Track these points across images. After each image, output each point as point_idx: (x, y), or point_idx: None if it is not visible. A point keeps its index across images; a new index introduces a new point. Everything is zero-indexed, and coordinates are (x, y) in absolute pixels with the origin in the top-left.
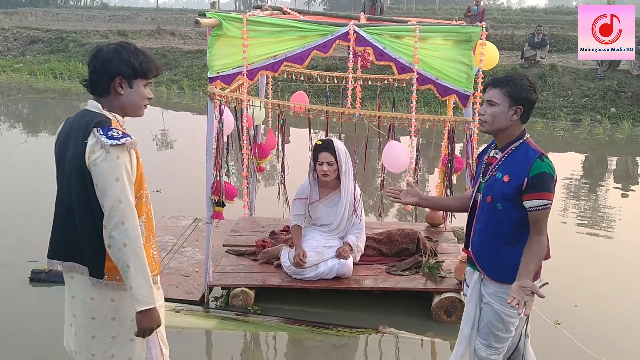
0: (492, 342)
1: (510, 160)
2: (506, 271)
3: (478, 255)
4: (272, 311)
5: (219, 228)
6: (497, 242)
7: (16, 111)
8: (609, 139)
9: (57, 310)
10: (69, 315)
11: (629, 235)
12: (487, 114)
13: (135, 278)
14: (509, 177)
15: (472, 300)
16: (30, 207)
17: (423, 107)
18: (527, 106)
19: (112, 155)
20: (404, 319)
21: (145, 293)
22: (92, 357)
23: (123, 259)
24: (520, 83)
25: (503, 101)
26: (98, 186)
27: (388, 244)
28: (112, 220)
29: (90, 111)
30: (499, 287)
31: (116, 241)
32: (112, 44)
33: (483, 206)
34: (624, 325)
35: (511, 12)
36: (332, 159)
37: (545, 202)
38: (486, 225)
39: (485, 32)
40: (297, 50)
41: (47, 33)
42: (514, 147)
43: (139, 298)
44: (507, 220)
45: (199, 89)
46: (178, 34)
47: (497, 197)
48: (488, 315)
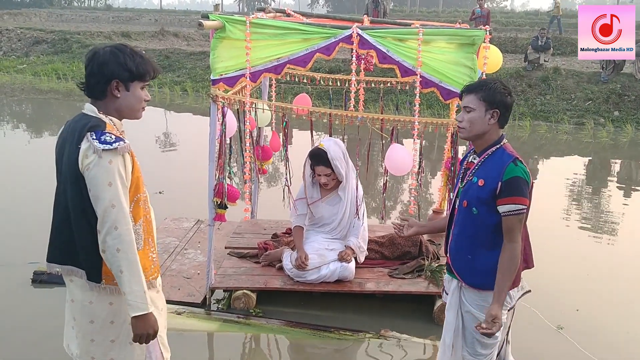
0: (478, 349)
1: (486, 164)
2: (482, 276)
3: (454, 261)
4: (274, 314)
5: (221, 230)
6: (473, 247)
7: (20, 112)
8: (613, 143)
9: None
10: (70, 318)
11: (632, 239)
12: (465, 120)
13: (129, 283)
14: (484, 181)
15: (452, 307)
16: (32, 208)
17: (426, 110)
18: (503, 109)
19: (105, 160)
20: (406, 322)
21: (139, 299)
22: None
23: (117, 264)
24: (494, 87)
25: (479, 106)
26: (91, 191)
27: (390, 247)
28: (105, 225)
29: (86, 115)
30: (477, 295)
31: (109, 246)
32: (109, 46)
33: (460, 211)
34: (625, 330)
35: (514, 15)
36: (329, 170)
37: (519, 207)
38: (462, 230)
39: (488, 36)
40: (300, 53)
41: (50, 34)
42: (490, 151)
43: (132, 304)
44: (483, 226)
45: (202, 90)
46: (181, 35)
47: (473, 202)
48: (470, 323)
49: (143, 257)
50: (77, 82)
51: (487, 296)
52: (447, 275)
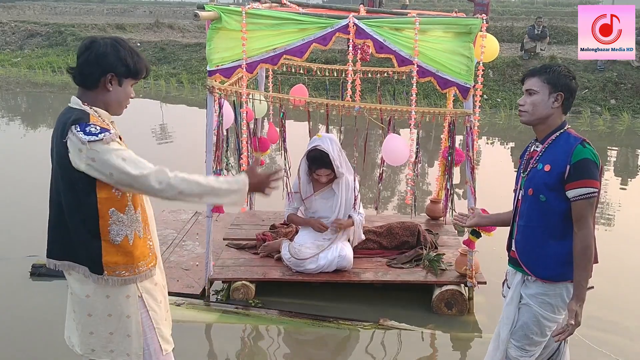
0: (524, 345)
1: (551, 149)
2: (554, 267)
3: (522, 253)
4: (273, 304)
5: (219, 222)
6: (543, 237)
7: (15, 105)
8: (609, 131)
9: (58, 304)
10: (70, 310)
11: (629, 228)
12: (527, 103)
13: (214, 194)
14: (550, 166)
15: (514, 302)
16: (29, 201)
17: (423, 100)
18: (567, 93)
19: (101, 145)
20: (405, 311)
21: (228, 194)
22: (92, 352)
23: (191, 197)
24: (559, 70)
25: (542, 89)
26: (113, 175)
27: (388, 237)
28: (154, 188)
29: (71, 108)
30: (541, 289)
31: (173, 198)
32: (107, 38)
33: (525, 200)
34: (621, 321)
35: (510, 4)
36: (329, 171)
37: (590, 191)
38: (530, 220)
39: (485, 24)
40: (297, 43)
41: (45, 27)
42: (554, 137)
43: (232, 198)
44: (552, 213)
45: (198, 82)
46: (177, 27)
47: (540, 189)
48: (524, 316)
49: (142, 245)
50: (67, 68)
51: (552, 289)
52: (510, 269)
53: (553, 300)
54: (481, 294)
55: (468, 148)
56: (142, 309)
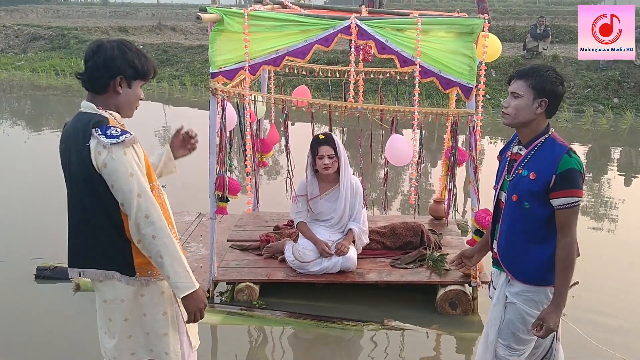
0: (511, 343)
1: (537, 156)
2: (534, 272)
3: (504, 257)
4: (277, 305)
5: (222, 223)
6: (524, 242)
7: (18, 109)
8: (612, 130)
9: (62, 307)
10: (105, 320)
11: (632, 226)
12: (511, 106)
13: (171, 267)
14: (536, 174)
15: (500, 302)
16: (34, 204)
17: (425, 100)
18: (552, 99)
19: (118, 153)
20: (409, 312)
21: (184, 279)
22: (132, 355)
23: (155, 250)
24: (546, 74)
25: (527, 93)
26: (114, 186)
27: (392, 237)
28: (137, 216)
29: (86, 113)
30: (525, 287)
31: (145, 235)
32: (114, 41)
33: (509, 205)
34: (622, 316)
35: (512, 3)
36: (333, 152)
37: (575, 200)
38: (513, 225)
39: (487, 24)
40: (299, 45)
41: (48, 30)
42: (539, 142)
43: (179, 285)
44: (534, 219)
45: (201, 84)
46: (179, 29)
47: (524, 195)
48: (510, 314)
49: None
50: (75, 72)
51: (535, 289)
52: (494, 270)
53: (537, 297)
54: (485, 294)
55: (471, 148)
56: (175, 303)
